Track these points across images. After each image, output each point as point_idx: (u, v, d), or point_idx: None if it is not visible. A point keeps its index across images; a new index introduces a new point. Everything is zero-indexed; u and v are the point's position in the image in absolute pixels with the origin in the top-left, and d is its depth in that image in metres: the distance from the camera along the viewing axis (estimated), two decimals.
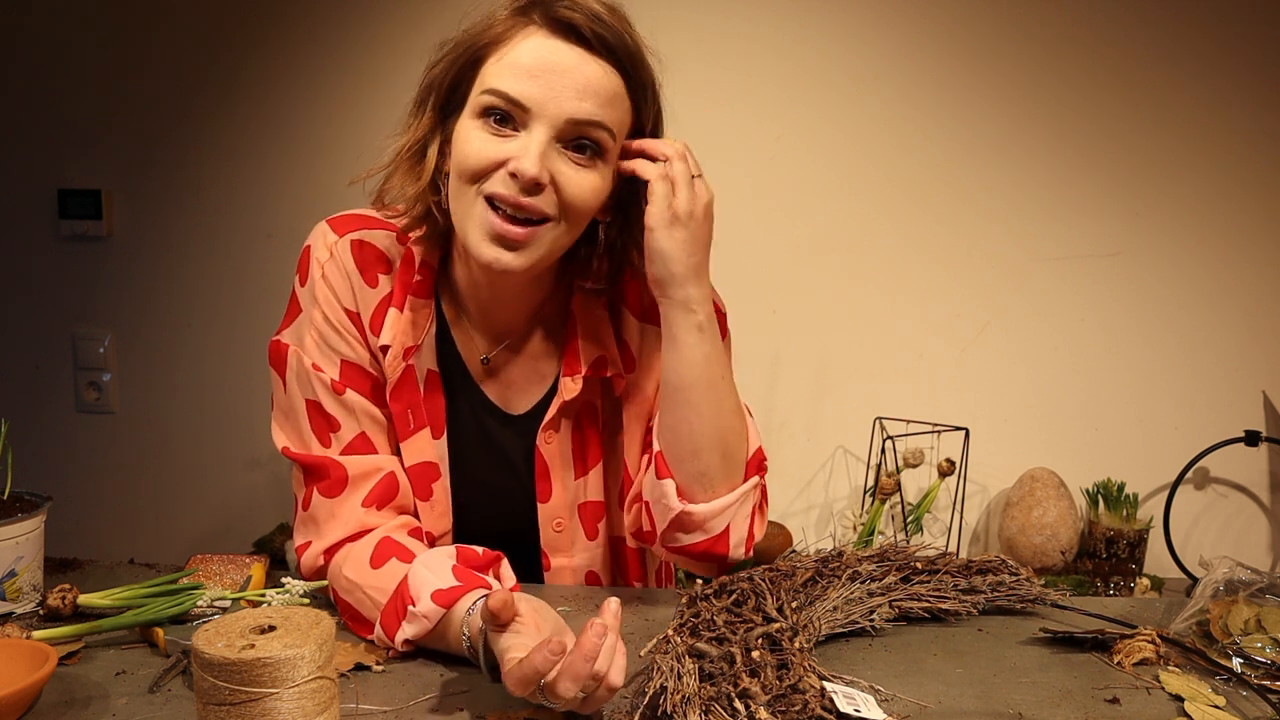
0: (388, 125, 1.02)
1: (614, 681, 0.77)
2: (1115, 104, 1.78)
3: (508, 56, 0.94)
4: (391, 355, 1.03)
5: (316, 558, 1.03)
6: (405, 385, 1.05)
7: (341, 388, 1.03)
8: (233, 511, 2.04)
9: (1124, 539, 1.73)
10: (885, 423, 1.83)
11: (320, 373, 1.03)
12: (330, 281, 1.03)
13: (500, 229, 0.94)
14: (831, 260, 1.86)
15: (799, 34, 1.82)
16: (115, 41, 1.96)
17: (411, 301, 1.05)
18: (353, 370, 1.04)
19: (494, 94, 0.93)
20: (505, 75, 0.93)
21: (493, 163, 0.93)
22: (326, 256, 1.04)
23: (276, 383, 1.06)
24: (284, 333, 1.06)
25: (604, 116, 0.94)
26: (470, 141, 0.94)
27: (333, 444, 1.04)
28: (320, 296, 1.03)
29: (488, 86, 0.94)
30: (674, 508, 1.02)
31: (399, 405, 1.06)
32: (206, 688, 0.71)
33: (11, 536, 1.01)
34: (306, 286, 1.05)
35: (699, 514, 1.02)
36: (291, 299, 1.07)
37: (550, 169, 0.93)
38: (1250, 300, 1.80)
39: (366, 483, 1.04)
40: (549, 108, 0.92)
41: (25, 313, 2.06)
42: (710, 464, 1.01)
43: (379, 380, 1.06)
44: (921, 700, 0.87)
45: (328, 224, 1.08)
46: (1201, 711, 0.84)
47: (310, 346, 1.04)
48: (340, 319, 1.04)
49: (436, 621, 0.91)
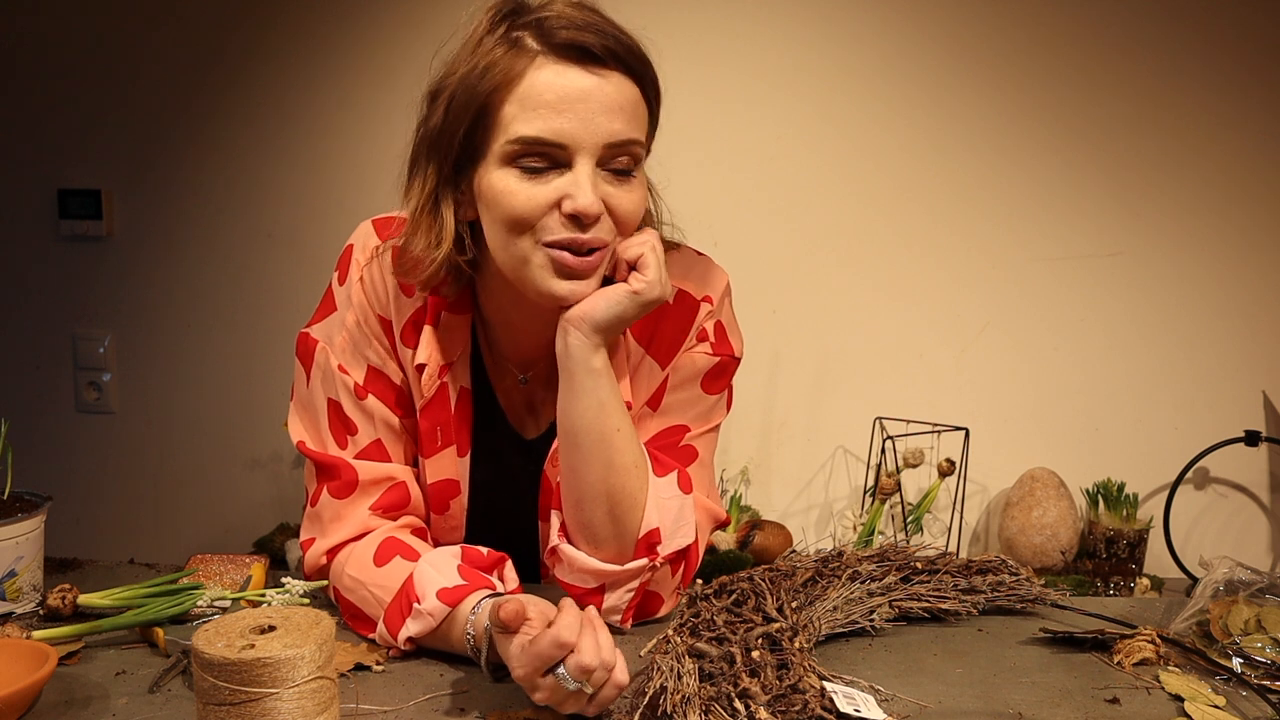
0: (388, 125, 1.03)
1: (620, 679, 0.79)
2: (1116, 104, 1.78)
3: (525, 98, 0.90)
4: (427, 374, 1.01)
5: (319, 557, 1.03)
6: (437, 403, 1.04)
7: (364, 393, 1.03)
8: (233, 511, 2.04)
9: (1124, 539, 1.73)
10: (885, 423, 1.83)
11: (345, 375, 1.03)
12: (367, 286, 1.02)
13: (573, 264, 0.92)
14: (831, 260, 1.86)
15: (799, 33, 1.82)
16: (115, 41, 1.96)
17: (446, 318, 1.03)
18: (378, 377, 1.04)
19: (525, 141, 0.90)
20: (531, 118, 0.89)
21: (544, 207, 0.91)
22: (367, 259, 1.03)
23: (300, 375, 1.06)
24: (314, 327, 1.06)
25: (635, 131, 0.93)
26: (512, 194, 0.91)
27: (348, 446, 1.04)
28: (355, 299, 1.03)
29: (516, 135, 0.90)
30: (551, 540, 1.00)
31: (428, 422, 1.04)
32: (206, 688, 0.71)
33: (11, 536, 1.01)
34: (344, 286, 1.04)
35: (574, 559, 0.98)
36: (326, 294, 1.06)
37: (601, 196, 0.91)
38: (1250, 300, 1.80)
39: (376, 489, 1.04)
40: (585, 139, 0.90)
41: (25, 313, 2.06)
42: (594, 518, 0.97)
43: (403, 390, 1.05)
44: (921, 700, 0.87)
45: (372, 225, 1.06)
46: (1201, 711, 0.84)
47: (339, 347, 1.03)
48: (373, 325, 1.03)
49: (441, 620, 0.91)
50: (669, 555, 0.99)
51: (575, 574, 0.99)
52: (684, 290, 1.05)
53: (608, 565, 0.97)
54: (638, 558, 0.98)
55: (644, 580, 0.99)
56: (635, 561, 0.98)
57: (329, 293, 1.06)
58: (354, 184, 1.88)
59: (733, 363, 1.08)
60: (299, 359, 1.06)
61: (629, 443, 0.97)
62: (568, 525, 1.00)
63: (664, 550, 0.98)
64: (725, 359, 1.07)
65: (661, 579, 1.01)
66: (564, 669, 0.76)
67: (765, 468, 1.91)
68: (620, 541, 0.97)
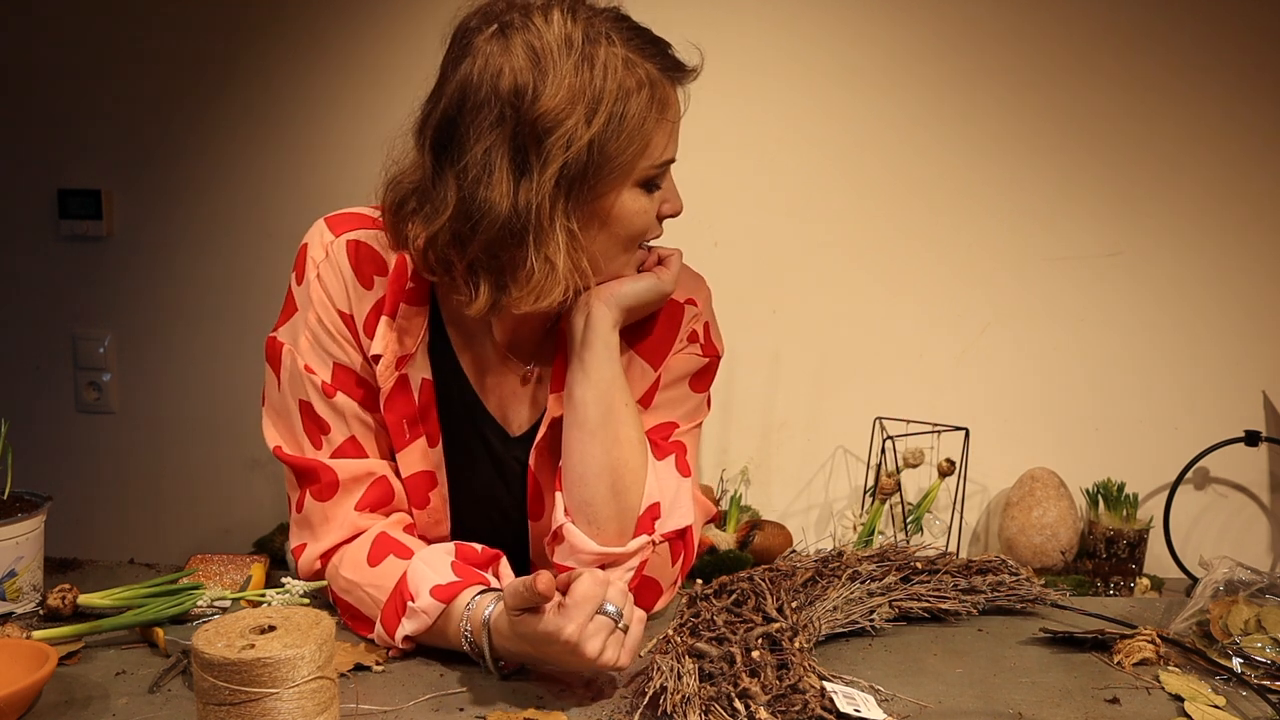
0: (388, 125, 1.01)
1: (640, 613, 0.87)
2: (1118, 103, 1.78)
3: (665, 123, 0.97)
4: (383, 365, 1.02)
5: (313, 561, 1.03)
6: (398, 395, 1.04)
7: (332, 390, 1.03)
8: (233, 511, 2.04)
9: (1124, 539, 1.73)
10: (885, 423, 1.83)
11: (312, 374, 1.03)
12: (325, 282, 1.03)
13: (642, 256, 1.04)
14: (831, 260, 1.86)
15: (799, 32, 1.82)
16: (115, 41, 1.96)
17: (404, 310, 1.03)
18: (344, 373, 1.04)
19: (663, 166, 0.98)
20: (669, 144, 0.99)
21: (655, 220, 1.01)
22: (322, 256, 1.03)
23: (270, 380, 1.06)
24: (279, 330, 1.06)
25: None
26: (646, 212, 0.98)
27: (324, 446, 1.04)
28: (315, 297, 1.03)
29: (664, 159, 0.98)
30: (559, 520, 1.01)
31: (393, 415, 1.05)
32: (206, 688, 0.71)
33: (11, 536, 1.01)
34: (302, 286, 1.04)
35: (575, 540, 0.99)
36: (288, 297, 1.06)
37: None
38: (1251, 300, 1.80)
39: (358, 487, 1.04)
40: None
41: (25, 313, 2.05)
42: (597, 495, 0.99)
43: (372, 385, 1.05)
44: (921, 700, 0.87)
45: (325, 222, 1.07)
46: (1201, 711, 0.85)
47: (304, 347, 1.04)
48: (334, 321, 1.03)
49: (436, 617, 0.92)
50: (668, 534, 1.02)
51: (576, 556, 0.99)
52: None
53: (608, 547, 0.99)
54: (638, 535, 1.00)
55: (644, 559, 1.01)
56: (636, 540, 1.00)
57: (289, 295, 1.06)
58: (354, 184, 1.88)
59: (716, 362, 1.13)
60: (268, 363, 1.06)
61: (634, 418, 1.01)
62: (568, 505, 1.01)
63: (663, 527, 1.01)
64: (712, 359, 1.12)
65: (660, 564, 1.02)
66: (609, 604, 0.84)
67: (765, 468, 1.91)
68: (621, 520, 0.99)
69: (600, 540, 0.99)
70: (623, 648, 0.84)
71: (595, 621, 0.83)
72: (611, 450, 0.98)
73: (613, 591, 0.85)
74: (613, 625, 0.84)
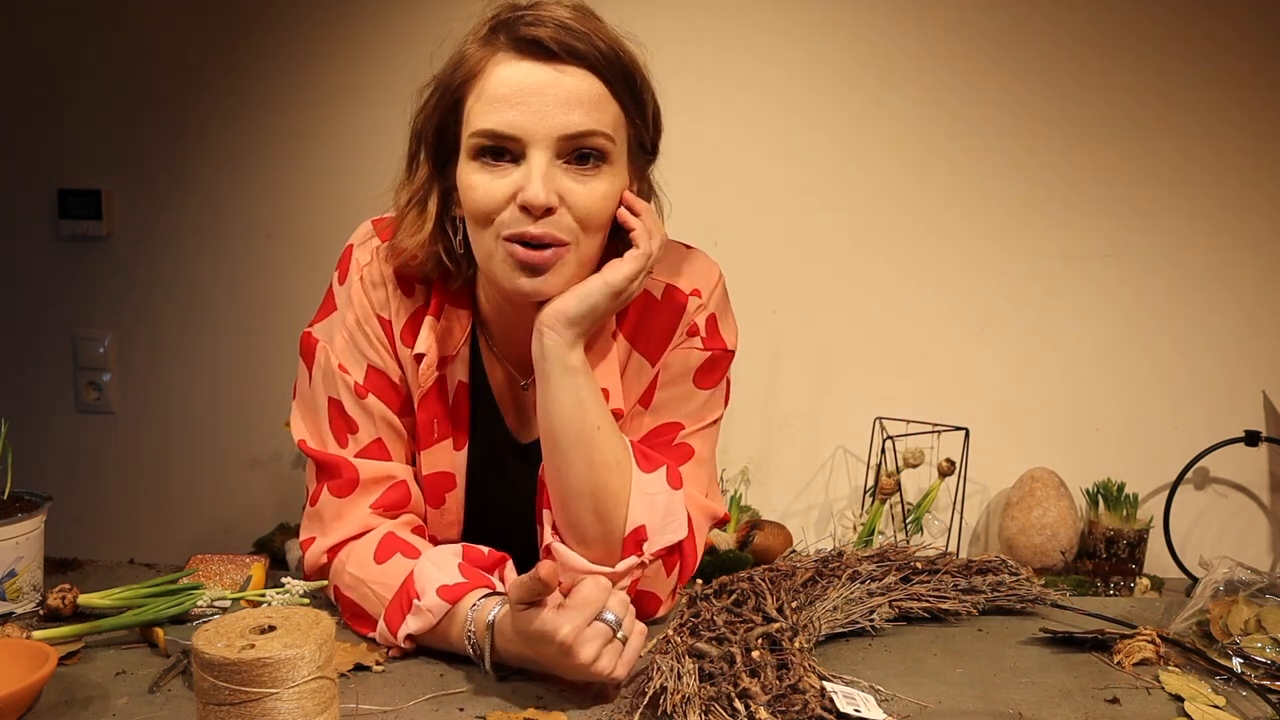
0: (388, 125, 1.02)
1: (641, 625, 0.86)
2: (1116, 104, 1.78)
3: (484, 92, 0.92)
4: (425, 364, 1.01)
5: (320, 555, 1.03)
6: (434, 395, 1.04)
7: (364, 392, 1.03)
8: (233, 511, 2.04)
9: (1124, 539, 1.73)
10: (885, 423, 1.83)
11: (346, 374, 1.03)
12: (367, 286, 1.03)
13: (524, 257, 0.92)
14: (831, 259, 1.86)
15: (799, 32, 1.82)
16: (115, 41, 1.96)
17: (449, 311, 1.04)
18: (378, 377, 1.04)
19: (482, 135, 0.92)
20: (487, 112, 0.92)
21: (501, 201, 0.92)
22: (367, 259, 1.03)
23: (303, 374, 1.07)
24: (316, 326, 1.06)
25: (595, 123, 0.92)
26: (475, 187, 0.93)
27: (349, 445, 1.04)
28: (355, 299, 1.03)
29: (475, 129, 0.92)
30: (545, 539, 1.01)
31: (425, 414, 1.05)
32: (206, 688, 0.71)
33: (11, 536, 1.01)
34: (344, 286, 1.04)
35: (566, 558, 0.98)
36: (327, 294, 1.06)
37: (558, 189, 0.91)
38: (1250, 300, 1.80)
39: (377, 488, 1.04)
40: (539, 131, 0.90)
41: (25, 313, 2.06)
42: (580, 517, 0.97)
43: (402, 390, 1.05)
44: (921, 700, 0.87)
45: (372, 225, 1.06)
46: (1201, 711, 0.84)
47: (340, 347, 1.04)
48: (372, 325, 1.03)
49: (441, 617, 0.92)
50: (658, 552, 0.99)
51: (567, 573, 0.98)
52: (671, 285, 1.05)
53: (598, 566, 0.97)
54: (626, 556, 0.97)
55: (635, 579, 0.99)
56: (625, 561, 0.97)
57: (329, 292, 1.06)
58: (354, 184, 1.88)
59: (726, 356, 1.07)
60: (302, 357, 1.07)
61: (610, 439, 0.97)
62: (557, 524, 1.00)
63: (651, 547, 0.98)
64: (717, 353, 1.06)
65: (655, 578, 1.01)
66: (609, 612, 0.83)
67: (765, 468, 1.91)
68: (607, 540, 0.97)
69: (590, 558, 0.98)
70: (619, 659, 0.83)
71: (593, 627, 0.82)
72: (589, 475, 0.96)
73: (614, 600, 0.84)
74: (610, 634, 0.83)
